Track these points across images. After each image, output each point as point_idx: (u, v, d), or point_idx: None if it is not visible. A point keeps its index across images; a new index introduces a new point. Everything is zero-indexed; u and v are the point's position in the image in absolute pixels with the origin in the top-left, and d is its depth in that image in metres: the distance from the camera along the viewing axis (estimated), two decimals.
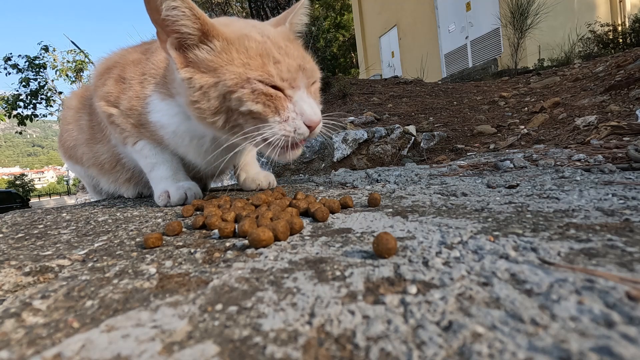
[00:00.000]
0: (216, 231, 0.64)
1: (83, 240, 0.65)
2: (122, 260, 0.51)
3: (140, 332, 0.31)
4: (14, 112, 10.15)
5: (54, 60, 11.11)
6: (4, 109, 10.10)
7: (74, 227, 0.77)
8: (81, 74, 11.28)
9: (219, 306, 0.35)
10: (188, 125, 0.90)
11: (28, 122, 10.30)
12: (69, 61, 11.29)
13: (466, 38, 8.77)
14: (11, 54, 10.46)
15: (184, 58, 0.78)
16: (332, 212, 0.72)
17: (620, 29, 6.57)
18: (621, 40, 6.16)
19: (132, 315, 0.34)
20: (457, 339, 0.26)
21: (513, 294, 0.32)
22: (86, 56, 11.32)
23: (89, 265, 0.50)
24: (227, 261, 0.48)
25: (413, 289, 0.35)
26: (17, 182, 38.15)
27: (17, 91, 10.36)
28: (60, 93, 10.97)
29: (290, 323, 0.31)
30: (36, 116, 10.74)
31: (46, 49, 10.84)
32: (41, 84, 10.62)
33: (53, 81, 11.11)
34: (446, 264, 0.40)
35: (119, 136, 1.01)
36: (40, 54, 10.71)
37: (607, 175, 0.87)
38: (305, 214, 0.72)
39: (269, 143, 0.77)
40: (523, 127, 2.54)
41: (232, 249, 0.53)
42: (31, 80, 10.44)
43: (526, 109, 3.01)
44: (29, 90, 10.43)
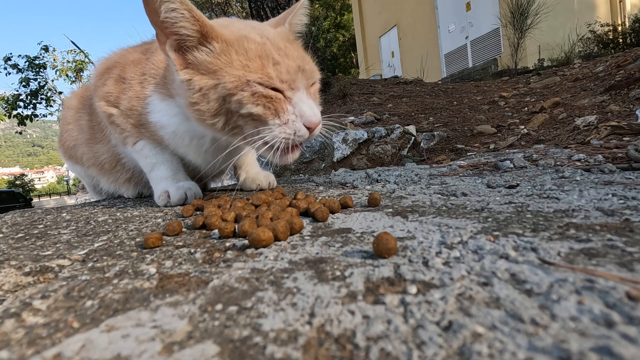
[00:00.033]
0: (216, 231, 0.64)
1: (83, 240, 0.65)
2: (122, 260, 0.51)
3: (140, 332, 0.31)
4: (14, 112, 10.17)
5: (54, 60, 11.12)
6: (4, 109, 10.11)
7: (74, 227, 0.77)
8: (81, 74, 11.29)
9: (219, 306, 0.35)
10: (188, 125, 0.90)
11: (28, 122, 10.31)
12: (69, 61, 11.32)
13: (466, 38, 8.77)
14: (11, 54, 10.49)
15: (183, 60, 0.78)
16: (332, 212, 0.72)
17: (620, 29, 6.57)
18: (621, 40, 6.16)
19: (132, 315, 0.34)
20: (457, 339, 0.26)
21: (513, 294, 0.32)
22: (86, 56, 11.33)
23: (89, 265, 0.50)
24: (227, 261, 0.48)
25: (413, 289, 0.35)
26: (17, 182, 38.15)
27: (17, 91, 10.38)
28: (60, 93, 10.99)
29: (290, 323, 0.31)
30: (36, 116, 10.75)
31: (46, 49, 10.85)
32: (41, 84, 10.64)
33: (53, 81, 11.14)
34: (446, 264, 0.40)
35: (119, 136, 1.01)
36: (40, 54, 10.73)
37: (607, 175, 0.87)
38: (305, 214, 0.72)
39: (270, 146, 0.77)
40: (523, 127, 2.54)
41: (232, 249, 0.53)
42: (31, 80, 10.46)
43: (526, 109, 3.01)
44: (29, 90, 10.44)
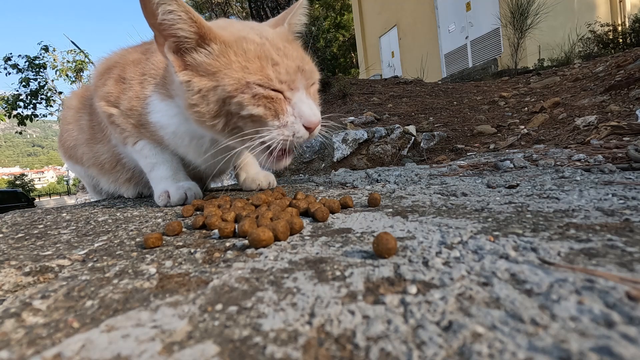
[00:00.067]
0: (216, 231, 0.64)
1: (83, 240, 0.65)
2: (122, 260, 0.51)
3: (140, 332, 0.31)
4: (14, 112, 10.17)
5: (54, 60, 11.13)
6: (4, 109, 10.11)
7: (74, 227, 0.77)
8: (81, 74, 11.30)
9: (219, 306, 0.35)
10: (188, 125, 0.90)
11: (28, 122, 10.31)
12: (69, 61, 11.32)
13: (466, 38, 8.77)
14: (11, 54, 10.49)
15: (182, 61, 0.78)
16: (332, 212, 0.72)
17: (620, 29, 6.57)
18: (621, 40, 6.16)
19: (132, 315, 0.34)
20: (457, 339, 0.26)
21: (513, 294, 0.32)
22: (86, 56, 11.33)
23: (89, 265, 0.50)
24: (227, 261, 0.48)
25: (413, 289, 0.35)
26: (17, 182, 38.14)
27: (17, 91, 10.38)
28: (60, 93, 10.99)
29: (290, 323, 0.31)
30: (36, 116, 10.75)
31: (46, 49, 10.85)
32: (41, 84, 10.64)
33: (53, 81, 11.14)
34: (446, 264, 0.40)
35: (119, 136, 1.01)
36: (40, 54, 10.74)
37: (607, 175, 0.87)
38: (305, 214, 0.72)
39: (267, 147, 0.77)
40: (523, 127, 2.54)
41: (232, 249, 0.53)
42: (31, 80, 10.46)
43: (526, 109, 3.01)
44: (29, 90, 10.45)
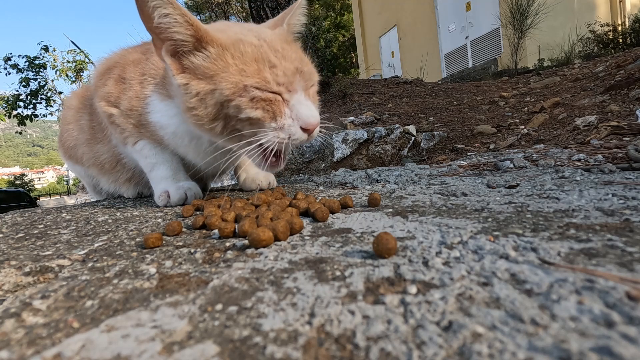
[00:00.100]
0: (216, 231, 0.64)
1: (83, 240, 0.65)
2: (122, 260, 0.51)
3: (140, 332, 0.31)
4: (14, 112, 10.17)
5: (54, 60, 11.13)
6: (4, 109, 10.11)
7: (74, 227, 0.77)
8: (81, 74, 11.30)
9: (219, 306, 0.35)
10: (187, 126, 0.90)
11: (28, 122, 10.31)
12: (69, 61, 11.32)
13: (466, 38, 8.77)
14: (11, 54, 10.49)
15: (179, 64, 0.78)
16: (332, 212, 0.72)
17: (620, 29, 6.57)
18: (621, 40, 6.16)
19: (132, 315, 0.34)
20: (457, 339, 0.26)
21: (513, 294, 0.32)
22: (86, 56, 11.34)
23: (89, 265, 0.50)
24: (227, 261, 0.48)
25: (413, 289, 0.35)
26: (17, 182, 38.14)
27: (17, 91, 10.38)
28: (60, 93, 10.99)
29: (290, 323, 0.31)
30: (36, 116, 10.75)
31: (46, 49, 10.85)
32: (41, 84, 10.64)
33: (53, 81, 11.14)
34: (446, 264, 0.40)
35: (119, 136, 1.01)
36: (40, 54, 10.74)
37: (607, 175, 0.87)
38: (305, 214, 0.72)
39: (263, 149, 0.78)
40: (523, 127, 2.54)
41: (232, 249, 0.53)
42: (31, 80, 10.46)
43: (526, 109, 3.01)
44: (29, 90, 10.45)
